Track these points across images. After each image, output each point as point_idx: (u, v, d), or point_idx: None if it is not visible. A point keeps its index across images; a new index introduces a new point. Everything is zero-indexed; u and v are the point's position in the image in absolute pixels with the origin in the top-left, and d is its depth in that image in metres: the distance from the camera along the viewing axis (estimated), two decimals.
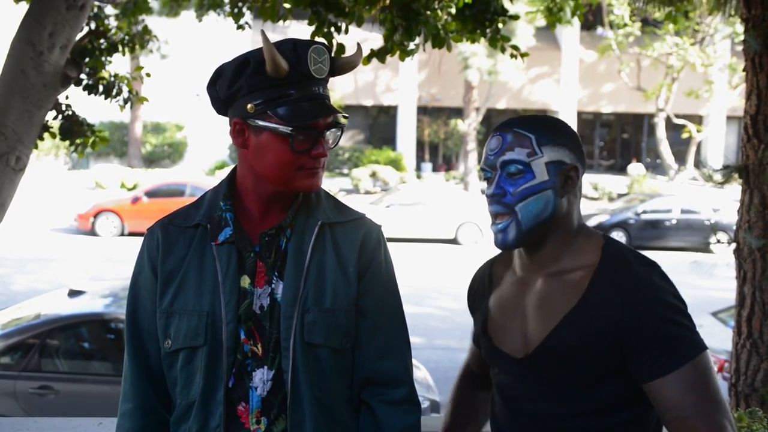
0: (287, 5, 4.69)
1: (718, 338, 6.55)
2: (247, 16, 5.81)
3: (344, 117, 1.63)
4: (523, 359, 1.62)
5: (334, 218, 1.68)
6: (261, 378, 1.59)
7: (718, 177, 3.99)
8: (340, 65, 1.66)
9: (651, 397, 1.52)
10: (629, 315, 1.51)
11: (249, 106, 1.57)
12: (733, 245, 3.88)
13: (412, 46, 4.71)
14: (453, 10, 4.51)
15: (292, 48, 1.57)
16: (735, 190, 3.99)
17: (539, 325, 1.60)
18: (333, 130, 1.63)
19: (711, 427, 1.46)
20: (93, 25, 4.52)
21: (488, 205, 1.64)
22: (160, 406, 1.67)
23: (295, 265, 1.61)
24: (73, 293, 6.60)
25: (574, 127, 1.87)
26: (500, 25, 4.70)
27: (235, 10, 5.64)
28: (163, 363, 1.65)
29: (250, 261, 1.62)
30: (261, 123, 1.57)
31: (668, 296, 1.53)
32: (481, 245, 17.13)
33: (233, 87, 1.58)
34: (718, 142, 28.82)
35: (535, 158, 1.58)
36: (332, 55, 1.63)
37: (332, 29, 4.57)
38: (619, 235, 16.83)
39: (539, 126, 1.62)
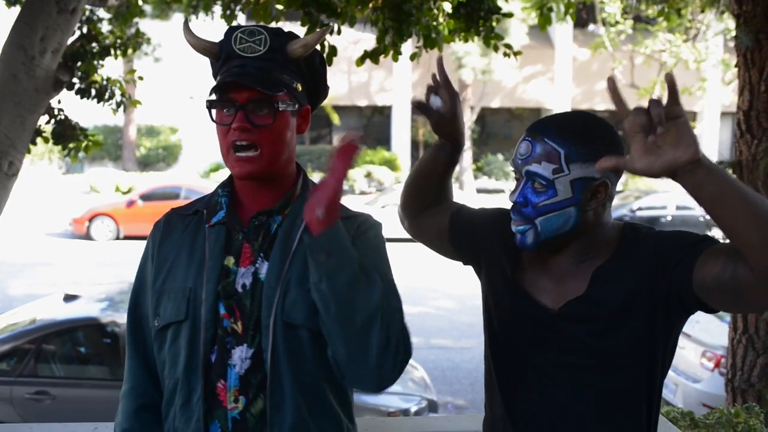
0: (279, 6, 4.69)
1: (714, 334, 6.56)
2: (240, 18, 5.81)
3: (267, 88, 1.57)
4: (558, 312, 1.63)
5: None
6: (240, 356, 1.59)
7: None
8: (293, 49, 1.64)
9: (705, 276, 1.48)
10: (661, 246, 1.57)
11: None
12: (728, 240, 3.88)
13: (413, 48, 4.72)
14: (448, 9, 4.51)
15: (225, 32, 1.66)
16: None
17: (576, 282, 1.62)
18: (271, 108, 1.58)
19: None
20: (85, 29, 4.51)
21: (511, 210, 1.64)
22: (154, 390, 1.70)
23: (281, 248, 1.62)
24: (69, 298, 6.58)
25: None
26: (494, 24, 4.70)
27: (228, 12, 5.63)
28: (155, 345, 1.68)
29: (237, 242, 1.64)
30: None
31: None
32: None
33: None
34: (712, 138, 28.87)
35: (560, 176, 1.56)
36: (325, 53, 1.67)
37: None
38: None
39: (573, 137, 1.56)
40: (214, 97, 1.61)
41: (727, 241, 1.45)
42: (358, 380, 1.60)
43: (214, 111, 1.62)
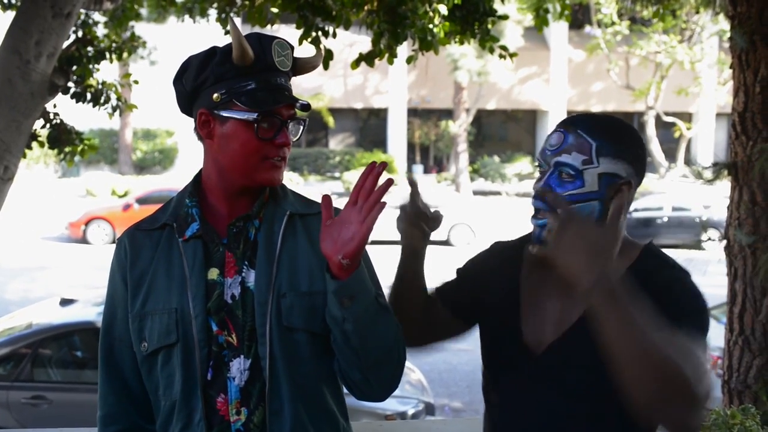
0: (275, 10, 4.69)
1: (710, 335, 6.55)
2: (235, 21, 5.80)
3: (304, 107, 1.63)
4: (541, 354, 1.60)
5: (302, 210, 1.68)
6: (238, 368, 1.58)
7: (708, 174, 4.00)
8: (302, 65, 1.68)
9: None
10: (659, 285, 1.54)
11: (215, 95, 1.58)
12: (724, 242, 3.89)
13: (409, 51, 4.73)
14: (443, 12, 4.51)
15: (257, 39, 1.60)
16: (725, 187, 4.00)
17: (564, 322, 1.60)
18: (295, 123, 1.64)
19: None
20: (80, 33, 4.51)
21: (533, 198, 1.63)
22: (132, 413, 1.67)
23: (266, 253, 1.60)
24: (65, 302, 6.58)
25: None
26: (489, 26, 4.71)
27: (223, 16, 5.63)
28: (142, 369, 1.64)
29: (219, 253, 1.62)
30: (226, 112, 1.58)
31: (701, 296, 1.61)
32: (473, 246, 17.14)
33: (199, 78, 1.60)
34: (708, 139, 28.93)
35: (589, 167, 1.56)
36: (295, 53, 1.66)
37: (320, 33, 4.57)
38: None
39: (605, 133, 1.58)
40: (232, 106, 1.58)
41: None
42: (369, 397, 1.63)
43: (244, 114, 1.57)
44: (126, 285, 1.65)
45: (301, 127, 1.66)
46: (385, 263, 1.68)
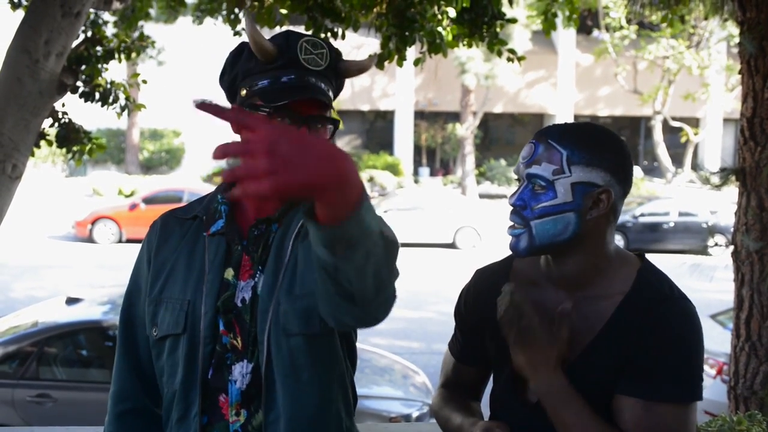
0: (284, 11, 4.70)
1: (716, 341, 6.54)
2: (244, 22, 5.82)
3: (326, 103, 1.56)
4: (534, 406, 1.54)
5: None
6: (240, 371, 1.57)
7: (715, 180, 3.99)
8: (347, 67, 1.64)
9: (617, 408, 1.48)
10: (647, 336, 1.47)
11: (242, 91, 1.58)
12: (731, 248, 3.88)
13: (417, 54, 4.73)
14: (452, 15, 4.52)
15: (284, 36, 1.59)
16: (732, 192, 3.99)
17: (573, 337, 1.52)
18: (321, 123, 1.57)
19: None
20: (89, 33, 4.52)
21: (510, 213, 1.57)
22: (142, 393, 1.69)
23: (275, 260, 1.59)
24: (71, 301, 6.58)
25: None
26: (497, 29, 4.71)
27: (232, 17, 5.64)
28: (153, 352, 1.66)
29: (236, 254, 1.61)
30: (249, 108, 1.55)
31: (693, 334, 1.49)
32: (479, 249, 17.13)
33: (231, 75, 1.61)
34: (715, 144, 28.87)
35: (560, 177, 1.48)
36: (336, 54, 1.61)
37: (329, 34, 4.58)
38: (617, 239, 16.83)
39: (576, 141, 1.49)
40: (254, 101, 1.55)
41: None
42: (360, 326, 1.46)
43: (260, 108, 1.54)
44: (149, 268, 1.67)
45: (331, 128, 1.60)
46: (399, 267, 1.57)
